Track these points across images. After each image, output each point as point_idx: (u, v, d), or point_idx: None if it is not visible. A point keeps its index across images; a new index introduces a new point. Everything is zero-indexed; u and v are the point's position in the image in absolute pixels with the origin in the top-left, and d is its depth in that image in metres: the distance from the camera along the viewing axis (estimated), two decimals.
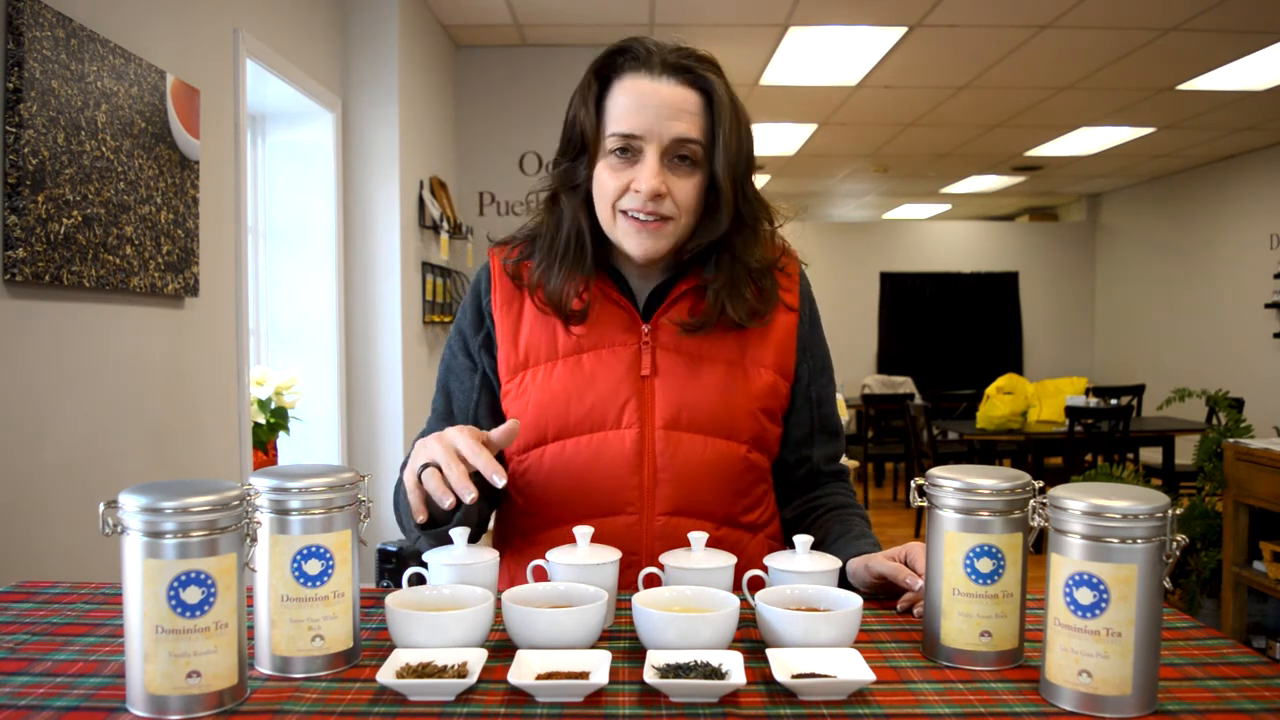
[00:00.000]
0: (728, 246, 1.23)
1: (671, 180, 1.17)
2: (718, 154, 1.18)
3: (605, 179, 1.19)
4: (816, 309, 1.36)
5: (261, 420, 3.03)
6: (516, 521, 1.28)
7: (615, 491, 1.21)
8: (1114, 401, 5.74)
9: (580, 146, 1.21)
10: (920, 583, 1.05)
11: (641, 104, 1.16)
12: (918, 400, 7.52)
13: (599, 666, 0.85)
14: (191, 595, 0.80)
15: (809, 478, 1.35)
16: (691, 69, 1.18)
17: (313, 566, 0.90)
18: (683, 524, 1.20)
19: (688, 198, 1.18)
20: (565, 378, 1.23)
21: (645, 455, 1.21)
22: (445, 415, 1.34)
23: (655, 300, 1.26)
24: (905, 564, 1.09)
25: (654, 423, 1.22)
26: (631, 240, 1.19)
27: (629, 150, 1.17)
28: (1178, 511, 0.82)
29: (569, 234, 1.23)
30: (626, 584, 1.13)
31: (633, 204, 1.17)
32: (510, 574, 1.27)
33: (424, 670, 0.86)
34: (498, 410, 1.31)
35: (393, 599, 0.95)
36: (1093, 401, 5.54)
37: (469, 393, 1.31)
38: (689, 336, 1.24)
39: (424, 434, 1.35)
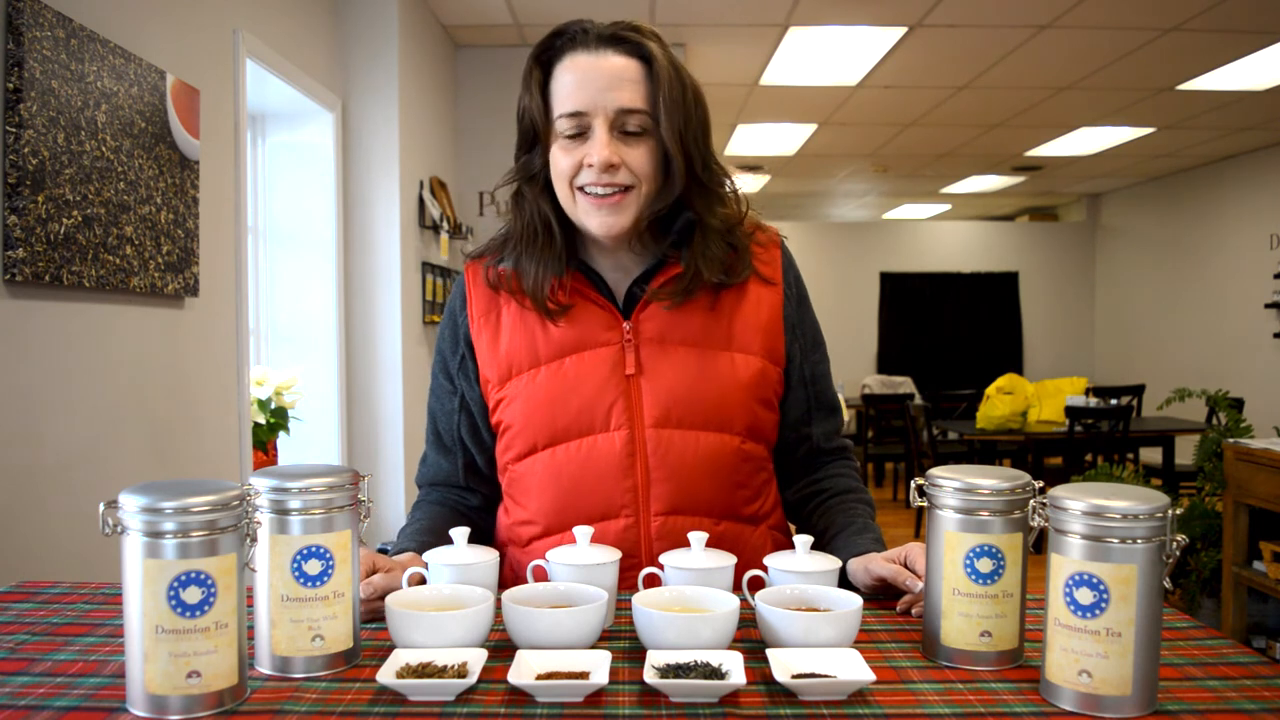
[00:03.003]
0: (694, 215, 1.22)
1: (624, 150, 1.17)
2: (662, 119, 1.17)
3: (559, 159, 1.19)
4: (803, 284, 1.33)
5: (261, 420, 3.02)
6: (515, 531, 1.28)
7: (610, 495, 1.20)
8: (1114, 401, 5.74)
9: (533, 136, 1.22)
10: (921, 585, 1.04)
11: (584, 80, 1.16)
12: (918, 400, 7.52)
13: (599, 666, 0.85)
14: (191, 595, 0.80)
15: (810, 456, 1.34)
16: (627, 38, 1.18)
17: (313, 566, 0.90)
18: (681, 523, 1.19)
19: (643, 165, 1.17)
20: (549, 383, 1.22)
21: (637, 456, 1.20)
22: (435, 439, 1.35)
23: (633, 297, 1.25)
24: (905, 565, 1.09)
25: (643, 422, 1.20)
26: (593, 219, 1.18)
27: (578, 127, 1.17)
28: (1178, 511, 0.82)
29: (533, 221, 1.23)
30: (626, 587, 1.13)
31: (588, 178, 1.17)
32: (509, 583, 1.26)
33: (424, 670, 0.86)
34: (478, 433, 1.31)
35: (393, 599, 0.95)
36: (1093, 401, 5.53)
37: (450, 415, 1.32)
38: (672, 328, 1.22)
39: (423, 456, 1.36)
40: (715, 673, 0.84)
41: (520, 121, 1.23)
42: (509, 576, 1.27)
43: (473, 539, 1.09)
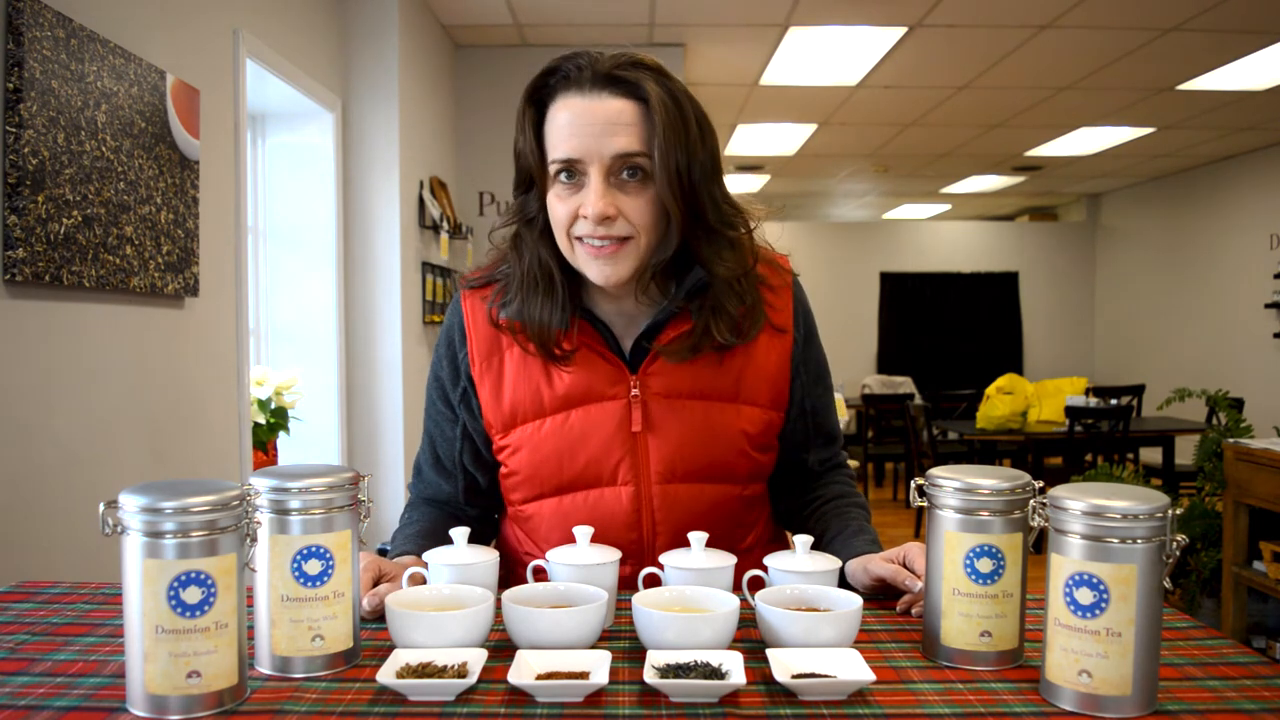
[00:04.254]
0: (701, 264, 1.16)
1: (622, 199, 1.11)
2: (657, 164, 1.10)
3: (556, 207, 1.13)
4: (812, 320, 1.31)
5: (261, 420, 3.02)
6: (525, 558, 1.28)
7: (615, 544, 1.18)
8: (1114, 401, 5.74)
9: (528, 178, 1.16)
10: (920, 585, 1.04)
11: (577, 124, 1.10)
12: (918, 400, 7.52)
13: (599, 666, 0.85)
14: (191, 595, 0.80)
15: (806, 474, 1.35)
16: (623, 78, 1.10)
17: (313, 566, 0.90)
18: None
19: (641, 214, 1.11)
20: (555, 436, 1.20)
21: (643, 510, 1.20)
22: (434, 461, 1.32)
23: (640, 348, 1.21)
24: (904, 565, 1.09)
25: (649, 478, 1.20)
26: (591, 268, 1.13)
27: (573, 174, 1.11)
28: (1178, 511, 0.82)
29: (532, 268, 1.18)
30: (627, 588, 1.13)
31: (584, 229, 1.11)
32: None
33: (424, 670, 0.86)
34: (481, 460, 1.30)
35: (393, 599, 0.95)
36: (1093, 401, 5.53)
37: (451, 442, 1.30)
38: (679, 382, 1.19)
39: (417, 468, 1.34)
40: (715, 673, 0.84)
41: (517, 161, 1.17)
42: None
43: (472, 539, 1.09)
